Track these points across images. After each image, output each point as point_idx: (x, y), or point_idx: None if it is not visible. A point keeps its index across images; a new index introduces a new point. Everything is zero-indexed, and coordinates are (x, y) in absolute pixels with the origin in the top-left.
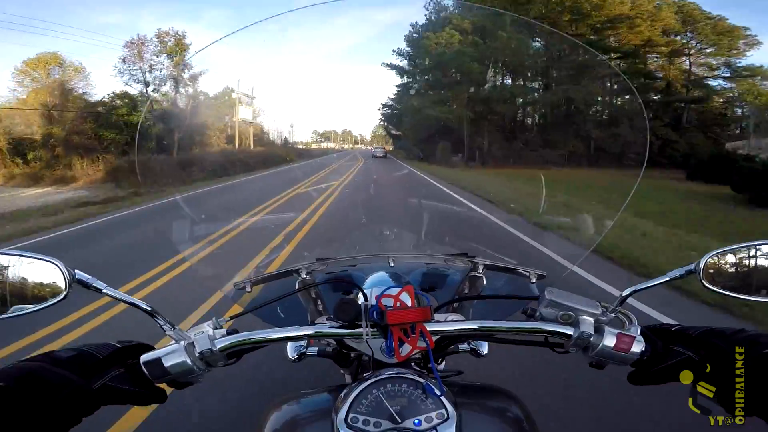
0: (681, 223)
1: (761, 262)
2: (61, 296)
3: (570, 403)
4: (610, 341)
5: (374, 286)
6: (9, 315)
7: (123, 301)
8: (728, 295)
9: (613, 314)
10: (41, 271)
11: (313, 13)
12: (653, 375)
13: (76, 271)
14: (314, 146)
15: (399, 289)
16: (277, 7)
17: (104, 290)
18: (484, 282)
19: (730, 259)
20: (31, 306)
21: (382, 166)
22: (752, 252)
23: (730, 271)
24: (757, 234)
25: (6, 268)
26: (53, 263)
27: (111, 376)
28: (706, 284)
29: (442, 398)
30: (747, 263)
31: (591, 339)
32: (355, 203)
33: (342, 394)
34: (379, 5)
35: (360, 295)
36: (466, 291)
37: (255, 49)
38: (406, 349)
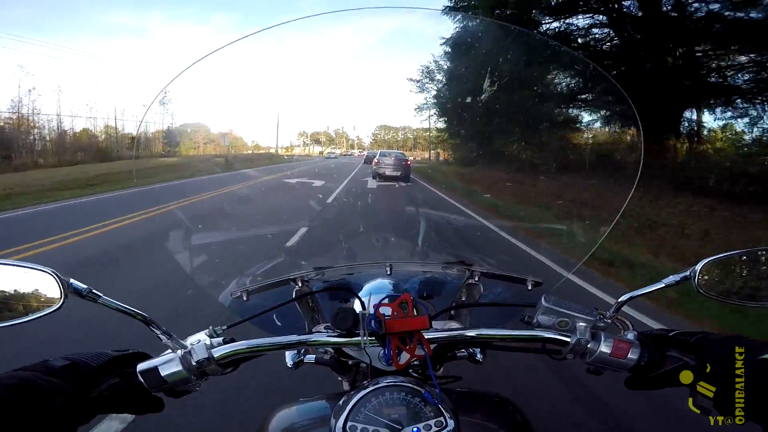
0: None
1: (756, 268)
2: (57, 305)
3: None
4: (606, 348)
5: (372, 294)
6: (2, 324)
7: (119, 310)
8: (723, 302)
9: (609, 321)
10: (36, 281)
11: (317, 21)
12: (651, 380)
13: (71, 280)
14: (297, 151)
15: (397, 298)
16: (281, 13)
17: (100, 299)
18: (482, 289)
19: (725, 265)
20: (26, 316)
21: None
22: (747, 258)
23: (724, 277)
24: None
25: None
26: (47, 272)
27: (107, 386)
28: (701, 290)
29: (441, 406)
30: (741, 270)
31: (588, 346)
32: None
33: (340, 402)
34: (383, 13)
35: (357, 303)
36: (464, 298)
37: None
38: (405, 357)
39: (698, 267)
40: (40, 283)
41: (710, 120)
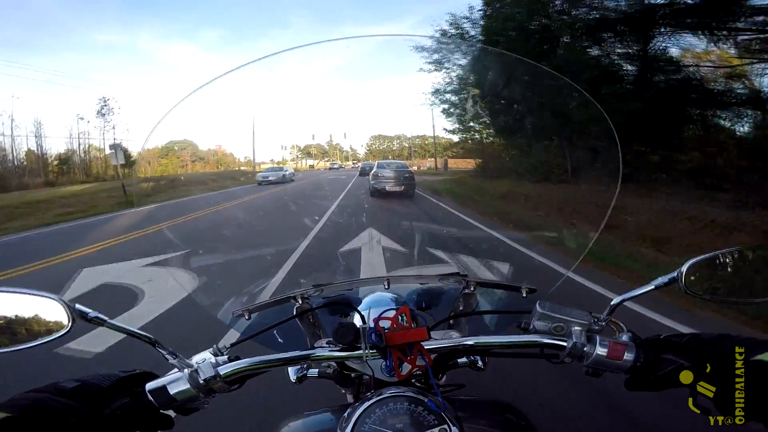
0: None
1: (739, 267)
2: (65, 330)
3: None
4: (602, 350)
5: (371, 308)
6: (12, 349)
7: (125, 332)
8: (709, 300)
9: (603, 323)
10: (43, 307)
11: (306, 40)
12: (650, 382)
13: (76, 305)
14: (289, 164)
15: (396, 311)
16: (270, 28)
17: (106, 323)
18: (478, 298)
19: (710, 265)
20: (36, 340)
21: None
22: (730, 258)
23: (710, 276)
24: None
25: (7, 305)
26: (53, 299)
27: (117, 405)
28: (688, 290)
29: (444, 414)
30: (726, 269)
31: (584, 349)
32: None
33: (345, 414)
34: (373, 24)
35: (357, 317)
36: (461, 308)
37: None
38: (406, 368)
39: (684, 268)
40: (47, 309)
41: None
